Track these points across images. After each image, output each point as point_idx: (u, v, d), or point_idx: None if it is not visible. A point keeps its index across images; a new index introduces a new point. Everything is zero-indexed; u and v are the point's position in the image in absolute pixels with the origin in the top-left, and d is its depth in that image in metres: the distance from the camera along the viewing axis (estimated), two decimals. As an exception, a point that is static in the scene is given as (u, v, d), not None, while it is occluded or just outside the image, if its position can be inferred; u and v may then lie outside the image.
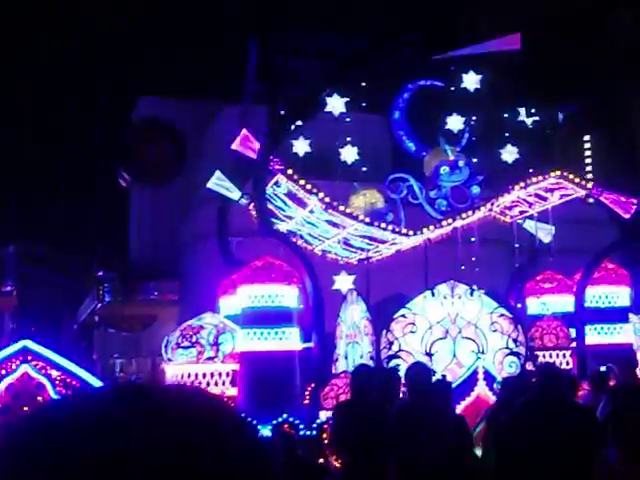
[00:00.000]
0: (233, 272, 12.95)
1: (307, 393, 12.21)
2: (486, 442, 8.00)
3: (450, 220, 13.13)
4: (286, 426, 11.15)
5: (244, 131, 11.70)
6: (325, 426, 11.28)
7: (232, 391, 12.15)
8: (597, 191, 13.59)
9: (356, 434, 7.61)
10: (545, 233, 15.35)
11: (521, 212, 14.77)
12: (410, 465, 7.34)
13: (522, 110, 13.66)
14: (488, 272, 15.17)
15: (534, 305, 14.82)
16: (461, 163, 13.47)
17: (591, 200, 14.16)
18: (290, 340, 11.94)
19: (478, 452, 8.12)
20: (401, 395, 8.38)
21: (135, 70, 36.84)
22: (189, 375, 12.36)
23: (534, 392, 7.10)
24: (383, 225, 12.73)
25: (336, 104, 12.62)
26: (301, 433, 11.19)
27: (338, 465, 8.48)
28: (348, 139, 13.88)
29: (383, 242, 13.48)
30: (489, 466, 7.24)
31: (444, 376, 11.06)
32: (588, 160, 46.01)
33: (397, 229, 12.87)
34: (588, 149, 45.31)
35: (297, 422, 11.23)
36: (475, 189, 13.45)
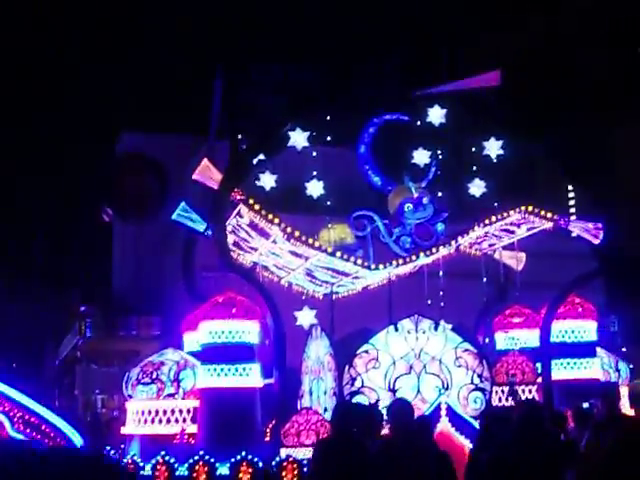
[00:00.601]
0: (197, 307, 12.82)
1: (268, 430, 12.07)
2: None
3: (414, 257, 13.05)
4: (244, 463, 11.00)
5: (205, 161, 11.68)
6: (285, 463, 11.14)
7: (193, 428, 11.98)
8: (564, 222, 13.56)
9: (337, 471, 7.47)
10: (515, 261, 15.23)
11: (490, 245, 14.72)
12: None
13: (487, 144, 13.66)
14: (456, 306, 15.09)
15: (502, 340, 14.71)
16: (425, 200, 13.44)
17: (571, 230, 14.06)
18: (251, 376, 11.78)
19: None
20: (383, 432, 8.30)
21: (118, 104, 36.93)
22: (149, 412, 12.18)
23: (516, 430, 7.15)
24: (345, 256, 12.65)
25: (298, 138, 12.61)
26: (260, 471, 11.02)
27: None
28: (314, 173, 13.82)
29: (346, 275, 13.38)
30: None
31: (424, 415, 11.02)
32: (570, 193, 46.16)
33: (359, 261, 12.78)
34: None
35: (255, 459, 11.05)
36: (440, 226, 13.41)
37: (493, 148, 13.58)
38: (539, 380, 13.13)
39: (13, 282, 41.77)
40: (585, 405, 12.21)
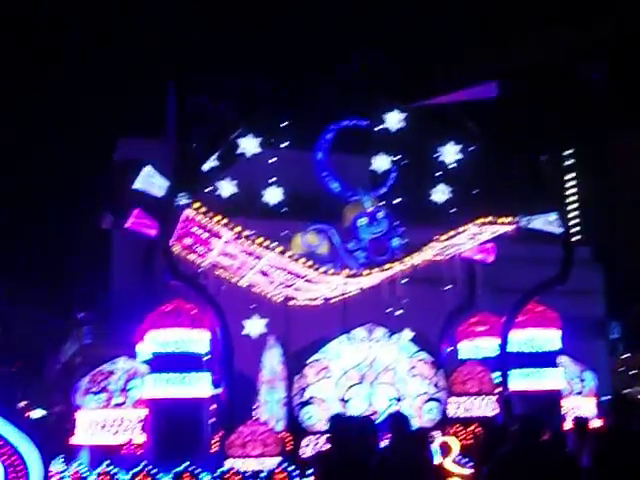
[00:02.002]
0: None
1: (215, 441, 11.89)
2: None
3: (368, 271, 12.84)
4: (186, 475, 10.84)
5: (147, 167, 11.52)
6: (227, 475, 10.96)
7: (141, 438, 11.84)
8: (525, 221, 13.29)
9: None
10: (484, 255, 14.80)
11: (456, 250, 14.45)
12: None
13: (444, 149, 13.44)
14: (421, 313, 14.89)
15: (467, 349, 14.45)
16: (380, 215, 13.25)
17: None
18: (198, 386, 11.61)
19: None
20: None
21: (116, 111, 37.13)
22: (97, 422, 12.06)
23: (515, 442, 7.06)
24: (296, 256, 12.45)
25: (248, 145, 12.46)
26: (202, 483, 10.85)
27: None
28: (273, 179, 13.66)
29: (299, 276, 13.17)
30: None
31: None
32: (572, 195, 46.06)
33: (309, 263, 12.57)
34: (572, 187, 45.36)
35: (198, 471, 10.88)
36: (395, 241, 13.21)
37: (450, 153, 13.34)
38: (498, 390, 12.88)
39: (13, 287, 41.93)
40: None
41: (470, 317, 14.78)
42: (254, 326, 12.29)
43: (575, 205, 42.09)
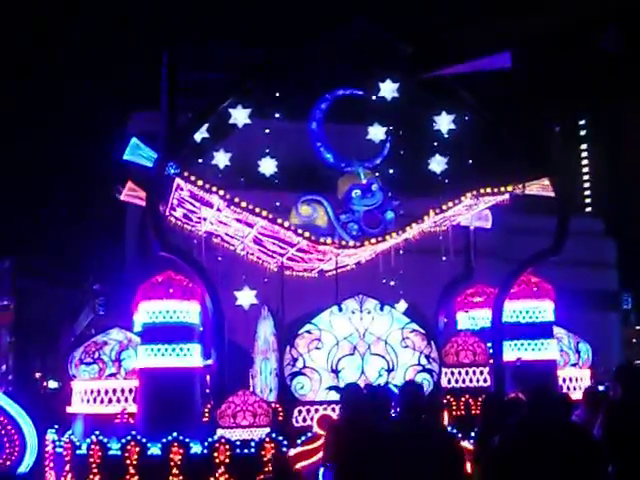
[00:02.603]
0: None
1: (207, 411, 11.98)
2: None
3: (358, 244, 12.80)
4: (175, 444, 10.93)
5: (134, 139, 11.53)
6: (217, 444, 11.03)
7: (134, 408, 11.95)
8: (519, 188, 13.18)
9: (350, 454, 7.62)
10: (483, 222, 14.71)
11: (451, 221, 14.39)
12: None
13: (439, 119, 13.31)
14: (416, 284, 14.87)
15: (463, 320, 14.43)
16: (374, 187, 13.19)
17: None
18: (189, 357, 11.68)
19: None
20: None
21: (128, 84, 37.12)
22: (92, 392, 12.18)
23: (527, 413, 7.06)
24: (286, 224, 12.42)
25: (239, 116, 12.41)
26: (192, 452, 10.95)
27: None
28: (267, 150, 13.64)
29: (291, 245, 13.15)
30: None
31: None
32: (585, 166, 45.51)
33: (300, 231, 12.54)
34: (585, 158, 44.83)
35: (187, 440, 10.97)
36: (389, 214, 13.17)
37: (444, 123, 13.21)
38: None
39: (28, 260, 42.39)
40: (600, 387, 11.99)
41: (467, 288, 14.74)
42: (245, 297, 12.29)
43: (587, 177, 41.63)
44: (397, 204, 13.26)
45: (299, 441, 11.05)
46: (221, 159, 13.70)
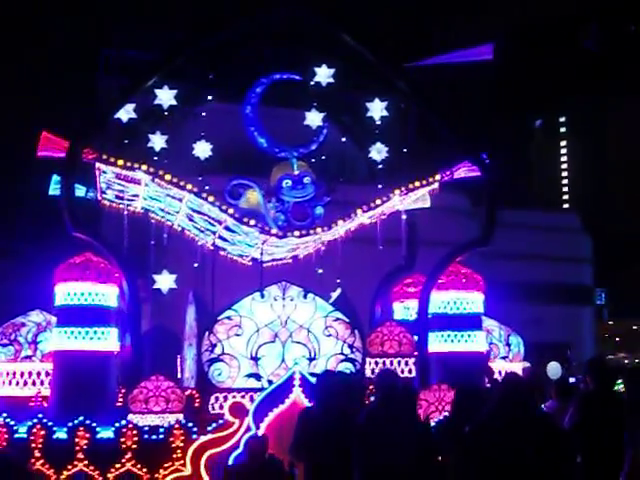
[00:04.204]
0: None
1: (121, 396, 11.80)
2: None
3: (280, 233, 12.63)
4: (81, 428, 10.74)
5: (44, 133, 11.30)
6: (124, 430, 10.84)
7: (49, 391, 11.77)
8: (447, 174, 12.98)
9: (323, 441, 7.68)
10: (421, 202, 14.40)
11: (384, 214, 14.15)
12: (379, 471, 7.33)
13: (371, 105, 13.08)
14: (352, 273, 14.67)
15: (399, 310, 14.23)
16: (307, 180, 12.99)
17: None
18: (104, 340, 11.49)
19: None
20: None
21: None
22: (7, 374, 11.99)
23: (497, 404, 7.04)
24: (211, 199, 12.21)
25: (164, 96, 12.19)
26: (98, 437, 10.77)
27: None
28: (202, 134, 13.43)
29: (219, 222, 12.94)
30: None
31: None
32: (563, 162, 45.41)
33: (223, 206, 12.33)
34: (564, 154, 44.70)
35: (94, 424, 10.78)
36: (318, 210, 13.01)
37: (377, 109, 12.99)
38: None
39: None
40: (571, 379, 11.87)
41: (405, 278, 14.53)
42: (164, 281, 12.10)
43: (565, 173, 41.60)
44: (328, 201, 13.09)
45: (210, 428, 10.91)
46: (157, 142, 13.49)
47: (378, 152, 14.07)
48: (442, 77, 13.34)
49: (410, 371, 12.52)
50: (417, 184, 12.87)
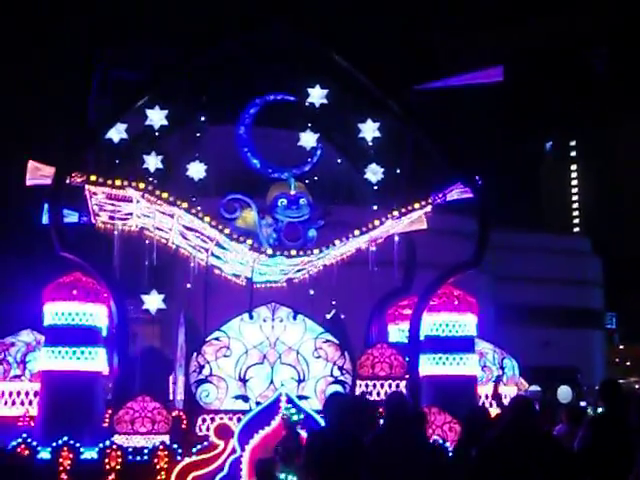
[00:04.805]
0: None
1: (107, 416, 11.73)
2: None
3: (270, 252, 12.59)
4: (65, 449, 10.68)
5: (30, 163, 11.32)
6: (108, 450, 10.77)
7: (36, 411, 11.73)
8: (439, 197, 12.89)
9: (331, 464, 7.44)
10: (418, 224, 14.29)
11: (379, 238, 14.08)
12: None
13: (364, 126, 13.05)
14: (346, 294, 14.59)
15: (394, 332, 14.12)
16: (302, 201, 12.96)
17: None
18: (92, 361, 11.46)
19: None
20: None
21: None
22: (-4, 393, 12.00)
23: (506, 426, 7.02)
24: (200, 214, 12.16)
25: (155, 116, 12.22)
26: (82, 457, 10.70)
27: None
28: (196, 155, 13.42)
29: (210, 239, 12.89)
30: None
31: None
32: (574, 186, 45.21)
33: (214, 223, 12.27)
34: (574, 178, 44.49)
35: (77, 445, 10.72)
36: (311, 232, 12.96)
37: (369, 130, 12.95)
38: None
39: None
40: (582, 403, 11.69)
41: (400, 300, 14.42)
42: (152, 301, 12.05)
43: (576, 197, 41.43)
44: (322, 224, 13.04)
45: (194, 450, 10.82)
46: (152, 162, 13.49)
47: (373, 173, 13.99)
48: (452, 100, 13.29)
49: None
50: (410, 207, 12.77)
